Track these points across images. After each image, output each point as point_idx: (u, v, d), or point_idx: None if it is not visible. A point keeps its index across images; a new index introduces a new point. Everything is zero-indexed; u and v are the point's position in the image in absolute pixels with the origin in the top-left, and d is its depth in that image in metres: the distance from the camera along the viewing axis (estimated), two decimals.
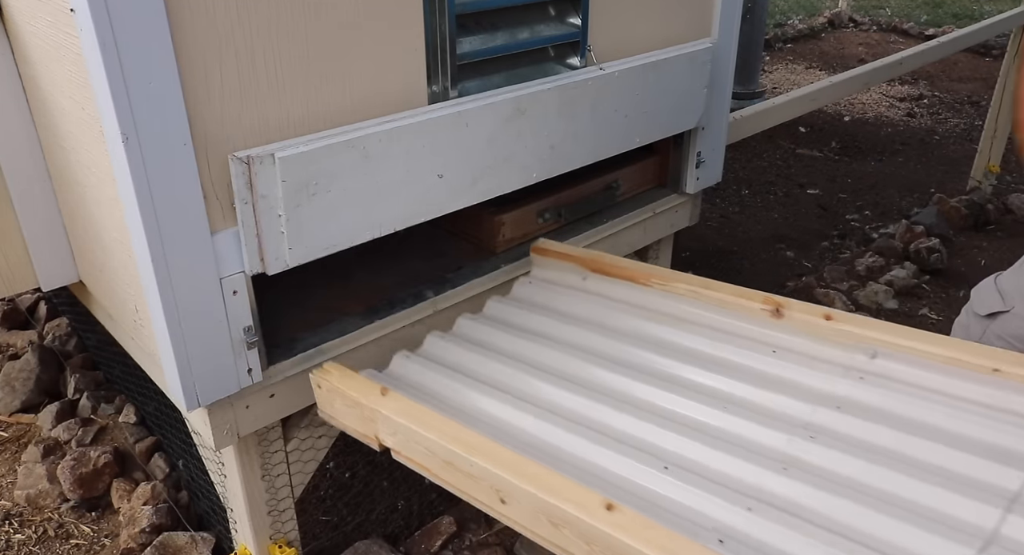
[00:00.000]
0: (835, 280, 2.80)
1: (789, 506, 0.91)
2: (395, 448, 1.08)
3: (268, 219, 1.11)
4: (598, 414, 1.09)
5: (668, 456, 1.00)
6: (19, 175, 1.35)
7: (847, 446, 0.98)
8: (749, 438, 1.02)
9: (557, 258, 1.48)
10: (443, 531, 1.74)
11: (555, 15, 1.45)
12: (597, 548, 0.84)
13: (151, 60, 0.96)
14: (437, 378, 1.22)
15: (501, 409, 1.12)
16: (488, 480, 0.93)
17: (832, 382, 1.11)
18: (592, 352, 1.23)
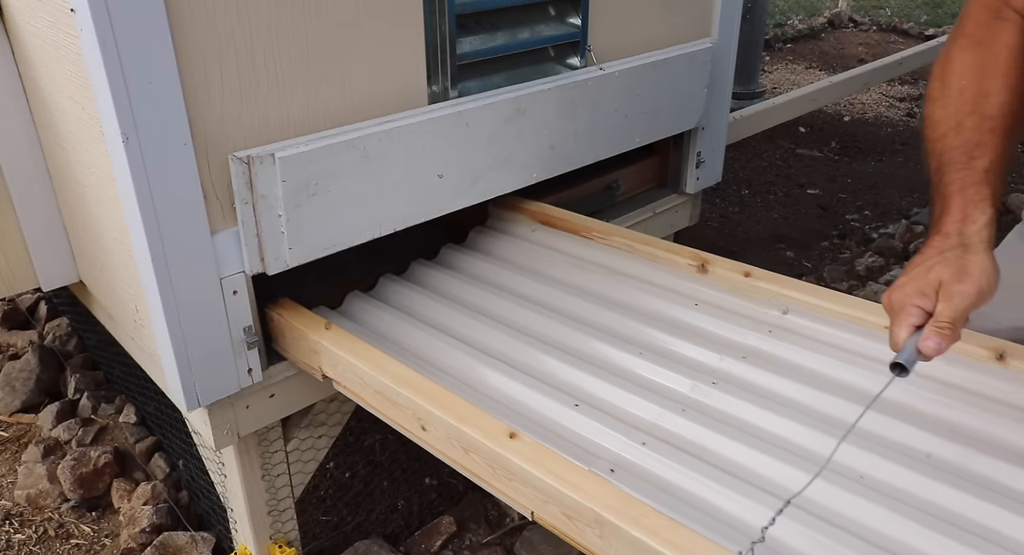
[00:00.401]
0: (835, 280, 2.80)
1: (681, 443, 1.00)
2: (335, 378, 1.18)
3: (268, 219, 1.11)
4: (523, 355, 1.19)
5: (581, 395, 1.09)
6: (19, 175, 1.35)
7: (743, 392, 1.07)
8: (658, 381, 1.12)
9: (510, 210, 1.56)
10: (443, 531, 1.74)
11: (555, 15, 1.45)
12: (500, 472, 0.92)
13: (151, 60, 0.96)
14: (382, 316, 1.32)
15: (435, 346, 1.22)
16: (411, 408, 1.04)
17: (743, 334, 1.19)
18: (528, 298, 1.33)
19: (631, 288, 1.32)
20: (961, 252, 0.83)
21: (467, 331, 1.25)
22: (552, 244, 1.47)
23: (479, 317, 1.28)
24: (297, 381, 1.31)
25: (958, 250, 0.83)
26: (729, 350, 1.15)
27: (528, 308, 1.29)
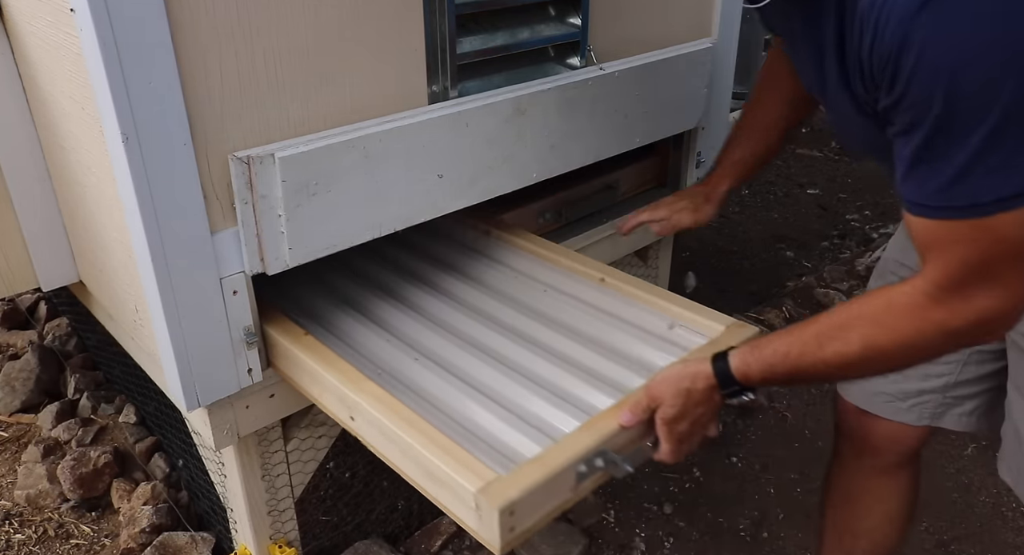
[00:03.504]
0: (835, 280, 2.80)
1: (447, 365, 1.21)
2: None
3: (268, 219, 1.11)
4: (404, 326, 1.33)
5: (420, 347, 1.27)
6: (19, 175, 1.35)
7: (518, 338, 1.27)
8: (467, 332, 1.30)
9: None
10: (443, 531, 1.74)
11: (555, 15, 1.45)
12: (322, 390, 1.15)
13: (151, 60, 0.96)
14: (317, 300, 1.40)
15: (343, 319, 1.35)
16: (301, 366, 1.19)
17: (531, 296, 1.38)
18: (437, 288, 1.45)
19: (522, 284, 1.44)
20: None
21: (370, 306, 1.38)
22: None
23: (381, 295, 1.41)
24: None
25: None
26: (530, 314, 1.34)
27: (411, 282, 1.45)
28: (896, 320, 0.84)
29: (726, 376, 0.97)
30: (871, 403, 1.28)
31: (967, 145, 0.72)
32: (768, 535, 1.83)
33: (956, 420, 1.24)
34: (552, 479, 0.93)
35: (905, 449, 1.29)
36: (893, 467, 1.31)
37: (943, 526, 1.85)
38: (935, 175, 0.76)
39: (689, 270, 2.82)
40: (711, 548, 1.79)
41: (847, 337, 0.88)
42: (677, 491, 1.94)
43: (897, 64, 0.74)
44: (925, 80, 0.72)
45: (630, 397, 1.04)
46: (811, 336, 0.92)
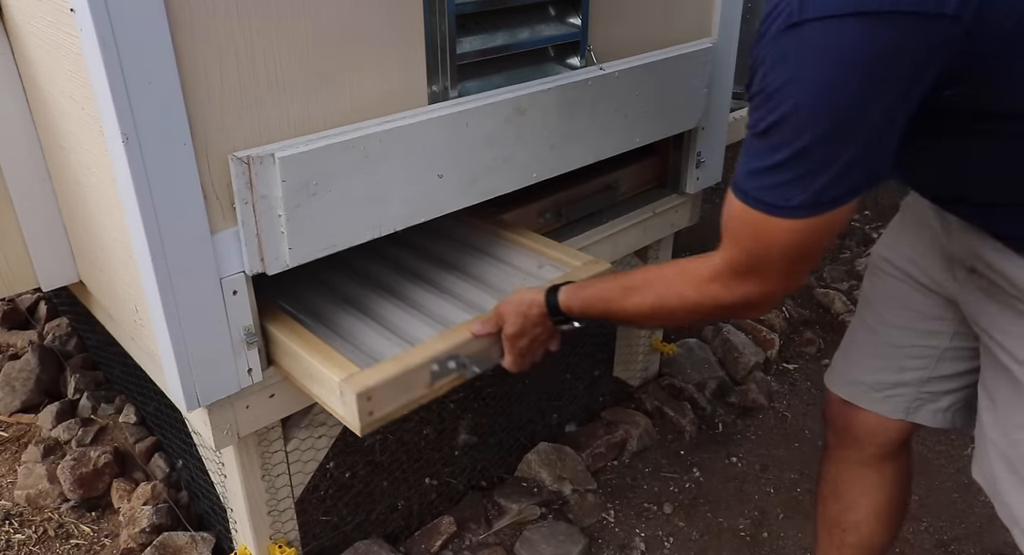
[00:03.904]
0: (835, 280, 2.80)
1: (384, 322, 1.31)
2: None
3: (268, 219, 1.11)
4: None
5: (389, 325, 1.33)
6: (19, 175, 1.35)
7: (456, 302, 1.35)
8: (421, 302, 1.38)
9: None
10: (443, 531, 1.74)
11: (555, 15, 1.45)
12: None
13: (151, 60, 0.96)
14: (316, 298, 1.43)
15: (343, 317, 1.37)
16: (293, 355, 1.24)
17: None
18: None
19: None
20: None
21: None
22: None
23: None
24: None
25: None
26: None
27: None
28: (683, 286, 0.99)
29: (554, 306, 1.17)
30: (851, 393, 1.31)
31: (782, 153, 0.81)
32: (768, 535, 1.83)
33: (931, 416, 1.26)
34: (406, 373, 1.14)
35: (885, 441, 1.30)
36: (876, 460, 1.33)
37: (943, 526, 1.85)
38: (754, 164, 0.85)
39: None
40: (711, 548, 1.79)
41: (644, 293, 1.04)
42: (677, 491, 1.94)
43: (760, 68, 0.82)
44: (774, 91, 0.80)
45: (485, 316, 1.25)
46: (620, 286, 1.09)
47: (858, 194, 0.83)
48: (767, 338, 2.42)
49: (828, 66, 0.75)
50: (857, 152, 0.79)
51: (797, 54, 0.76)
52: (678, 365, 2.28)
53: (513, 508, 1.81)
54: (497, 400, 2.17)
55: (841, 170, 0.80)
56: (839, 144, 0.79)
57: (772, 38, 0.79)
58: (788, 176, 0.81)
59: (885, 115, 0.78)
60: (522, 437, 2.06)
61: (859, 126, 0.78)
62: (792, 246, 0.86)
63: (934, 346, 1.21)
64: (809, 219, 0.83)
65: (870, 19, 0.73)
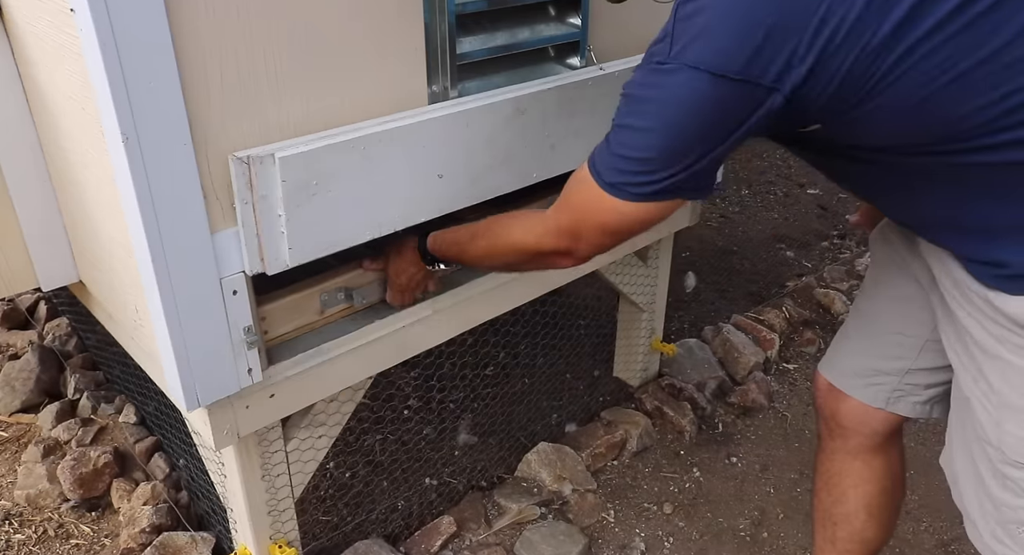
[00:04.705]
0: (835, 280, 2.80)
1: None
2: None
3: (268, 219, 1.11)
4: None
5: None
6: (19, 175, 1.35)
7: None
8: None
9: None
10: (443, 531, 1.74)
11: (555, 15, 1.45)
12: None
13: (151, 60, 0.96)
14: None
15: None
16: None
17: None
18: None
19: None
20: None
21: None
22: None
23: None
24: (297, 381, 1.31)
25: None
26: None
27: None
28: (515, 231, 1.14)
29: (423, 247, 1.34)
30: (836, 377, 1.34)
31: (629, 150, 0.98)
32: (768, 535, 1.83)
33: (911, 408, 1.29)
34: (297, 299, 1.31)
35: (870, 432, 1.32)
36: (864, 451, 1.34)
37: (943, 526, 1.85)
38: (611, 147, 1.01)
39: (689, 270, 2.82)
40: (711, 548, 1.79)
41: (486, 237, 1.20)
42: (677, 491, 1.94)
43: (637, 75, 1.03)
44: (637, 106, 1.01)
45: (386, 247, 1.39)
46: (469, 232, 1.25)
47: (676, 198, 0.98)
48: (767, 338, 2.42)
49: (676, 107, 0.92)
50: (681, 170, 0.95)
51: (661, 89, 0.94)
52: (678, 365, 2.28)
53: (513, 508, 1.81)
54: (497, 400, 2.17)
55: (666, 179, 0.95)
56: (670, 162, 0.95)
57: (649, 69, 0.97)
58: (629, 168, 0.97)
59: (708, 150, 0.94)
60: (522, 437, 2.06)
61: (686, 155, 0.94)
62: (609, 221, 1.01)
63: (918, 335, 1.23)
64: (631, 204, 0.98)
65: (711, 77, 0.88)
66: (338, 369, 1.37)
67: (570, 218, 1.06)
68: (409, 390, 2.20)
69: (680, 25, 0.95)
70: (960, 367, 1.08)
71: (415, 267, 1.37)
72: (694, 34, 0.92)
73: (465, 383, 2.18)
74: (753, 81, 0.87)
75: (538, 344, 2.34)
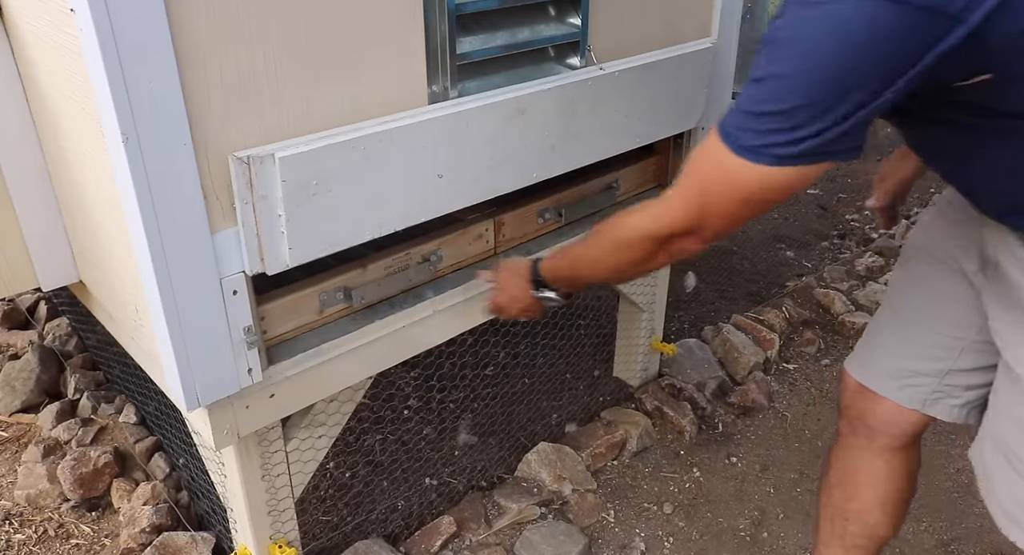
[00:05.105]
0: (835, 280, 2.80)
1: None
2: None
3: (268, 219, 1.11)
4: None
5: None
6: (19, 175, 1.35)
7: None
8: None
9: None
10: (443, 531, 1.74)
11: (555, 15, 1.45)
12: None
13: (151, 60, 0.95)
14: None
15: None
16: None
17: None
18: None
19: None
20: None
21: None
22: None
23: None
24: (297, 381, 1.31)
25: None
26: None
27: None
28: (628, 222, 1.07)
29: (535, 270, 1.31)
30: (869, 377, 1.31)
31: (769, 105, 0.85)
32: (768, 535, 1.83)
33: (948, 411, 1.26)
34: (296, 299, 1.31)
35: (899, 433, 1.30)
36: (887, 450, 1.33)
37: (943, 526, 1.85)
38: (743, 105, 0.88)
39: (689, 270, 2.82)
40: (711, 548, 1.79)
41: (604, 233, 1.13)
42: (677, 491, 1.94)
43: (780, 19, 0.86)
44: (780, 47, 0.85)
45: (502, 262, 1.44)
46: (581, 240, 1.21)
47: (825, 161, 0.86)
48: (767, 338, 2.42)
49: (838, 40, 0.78)
50: (833, 124, 0.82)
51: (818, 23, 0.79)
52: (678, 365, 2.28)
53: (513, 508, 1.81)
54: (497, 400, 2.17)
55: (815, 136, 0.83)
56: (822, 113, 0.82)
57: (799, 5, 0.81)
58: (770, 125, 0.84)
59: (869, 98, 0.81)
60: (522, 437, 2.06)
61: (842, 102, 0.81)
62: (744, 191, 0.89)
63: (961, 337, 1.21)
64: (772, 169, 0.86)
65: (886, 3, 0.76)
66: (338, 369, 1.37)
67: (698, 191, 0.95)
68: (409, 390, 2.20)
69: None
70: (1016, 342, 1.05)
71: (520, 292, 1.33)
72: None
73: (465, 383, 2.18)
74: (936, 9, 0.76)
75: (538, 344, 2.34)
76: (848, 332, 2.55)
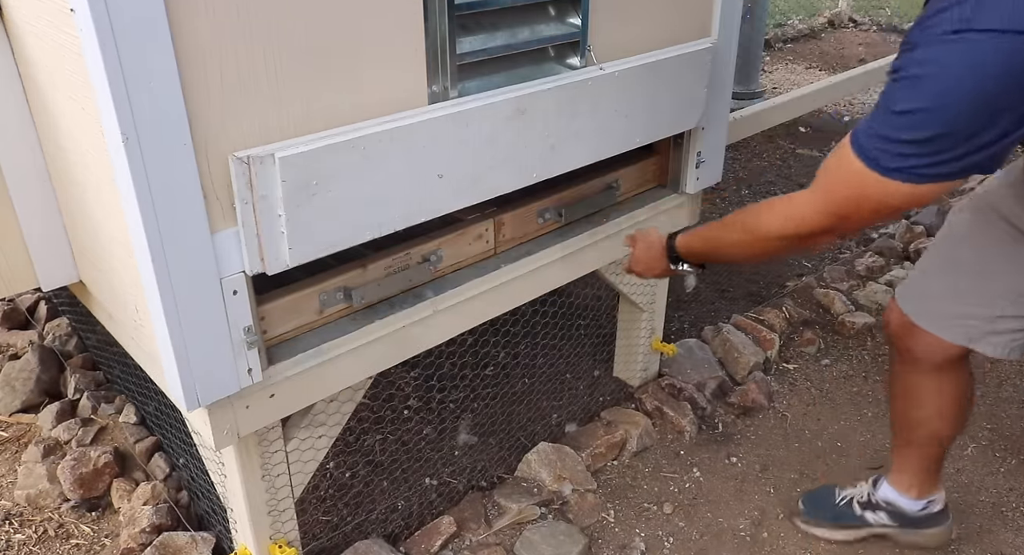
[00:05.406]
0: (835, 280, 2.80)
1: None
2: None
3: (268, 219, 1.11)
4: None
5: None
6: (19, 175, 1.35)
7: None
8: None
9: None
10: (443, 531, 1.74)
11: (555, 15, 1.45)
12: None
13: (151, 60, 0.96)
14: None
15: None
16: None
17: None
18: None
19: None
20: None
21: None
22: None
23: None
24: (297, 381, 1.31)
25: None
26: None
27: None
28: (771, 222, 1.18)
29: (671, 243, 1.47)
30: (918, 311, 1.44)
31: (910, 133, 0.95)
32: (768, 535, 1.83)
33: (992, 347, 1.40)
34: (296, 299, 1.32)
35: (944, 359, 1.45)
36: (935, 370, 1.48)
37: None
38: (882, 131, 0.98)
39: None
40: (711, 548, 1.79)
41: (739, 232, 1.27)
42: (677, 491, 1.94)
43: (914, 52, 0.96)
44: (921, 84, 0.94)
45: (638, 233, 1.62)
46: (720, 229, 1.34)
47: (958, 178, 0.96)
48: (767, 338, 2.42)
49: (975, 77, 0.87)
50: (977, 149, 0.92)
51: (951, 60, 0.88)
52: (678, 365, 2.28)
53: (513, 508, 1.81)
54: (497, 400, 2.17)
55: (960, 158, 0.93)
56: (965, 140, 0.92)
57: (937, 37, 0.90)
58: (906, 150, 0.95)
59: (1013, 124, 0.90)
60: (522, 437, 2.06)
61: (987, 130, 0.90)
62: (882, 201, 1.00)
63: (1014, 290, 1.34)
64: (906, 185, 0.97)
65: (1016, 36, 0.85)
66: (338, 369, 1.37)
67: (841, 201, 1.06)
68: (409, 390, 2.20)
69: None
70: None
71: (656, 262, 1.52)
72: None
73: (465, 383, 2.18)
74: None
75: (538, 344, 2.34)
76: (848, 332, 2.55)
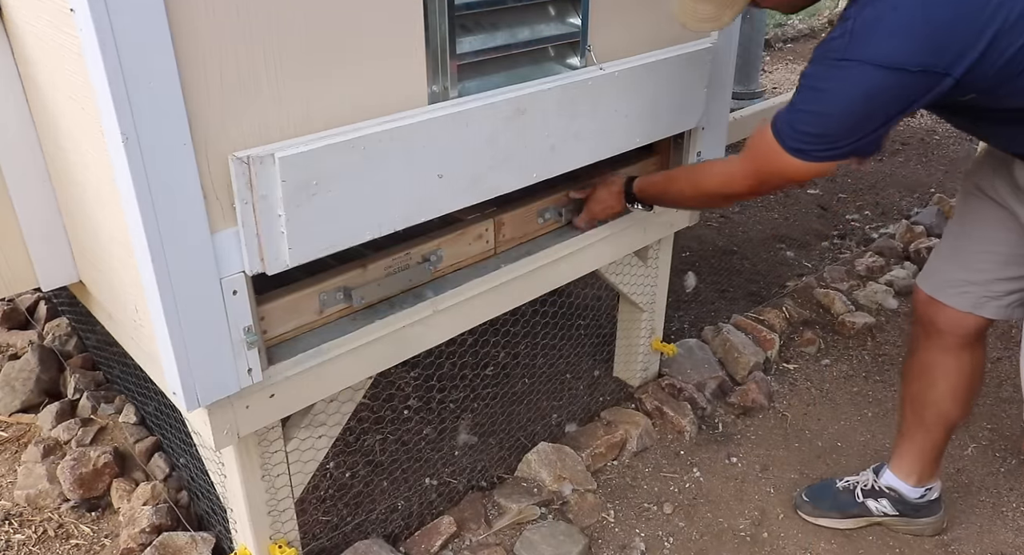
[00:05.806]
0: (835, 280, 2.80)
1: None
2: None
3: (268, 219, 1.11)
4: None
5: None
6: (19, 175, 1.35)
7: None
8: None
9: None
10: (443, 531, 1.74)
11: (555, 15, 1.45)
12: None
13: (151, 60, 0.96)
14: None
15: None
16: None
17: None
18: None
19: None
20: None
21: None
22: None
23: None
24: (297, 381, 1.31)
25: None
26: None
27: None
28: (709, 178, 1.49)
29: (628, 187, 1.68)
30: (934, 289, 1.62)
31: (810, 127, 1.25)
32: (768, 535, 1.83)
33: (995, 310, 1.57)
34: (296, 299, 1.33)
35: (963, 332, 1.61)
36: (955, 348, 1.63)
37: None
38: (793, 119, 1.27)
39: (689, 270, 2.82)
40: (711, 548, 1.79)
41: (683, 182, 1.58)
42: (677, 491, 1.94)
43: (815, 68, 1.27)
44: (819, 95, 1.26)
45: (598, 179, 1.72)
46: (668, 178, 1.63)
47: (843, 159, 1.26)
48: (767, 338, 2.42)
49: (854, 96, 1.18)
50: (857, 140, 1.23)
51: (838, 82, 1.19)
52: (678, 365, 2.28)
53: (513, 508, 1.81)
54: (497, 400, 2.17)
55: (844, 146, 1.24)
56: (848, 136, 1.23)
57: (829, 63, 1.20)
58: (811, 141, 1.25)
59: (883, 124, 1.22)
60: (522, 437, 2.06)
61: (861, 130, 1.22)
62: (791, 174, 1.30)
63: (1000, 251, 1.53)
64: (812, 163, 1.26)
65: (889, 71, 1.14)
66: (338, 369, 1.37)
67: (758, 170, 1.35)
68: (409, 390, 2.20)
69: (859, 24, 1.15)
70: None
71: (615, 201, 1.69)
72: (873, 33, 1.13)
73: (465, 383, 2.18)
74: (929, 70, 1.13)
75: (538, 344, 2.34)
76: (848, 332, 2.55)
